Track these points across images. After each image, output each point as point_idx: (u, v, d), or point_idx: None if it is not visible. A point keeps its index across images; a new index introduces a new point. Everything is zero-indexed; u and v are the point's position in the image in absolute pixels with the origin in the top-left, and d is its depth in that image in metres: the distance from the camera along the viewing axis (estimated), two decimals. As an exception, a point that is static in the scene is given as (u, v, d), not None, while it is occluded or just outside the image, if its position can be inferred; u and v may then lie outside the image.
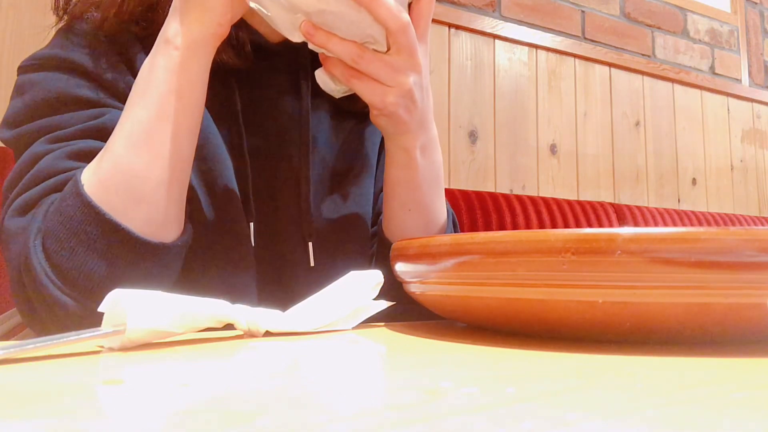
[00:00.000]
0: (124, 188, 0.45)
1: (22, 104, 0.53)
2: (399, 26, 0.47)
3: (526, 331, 0.36)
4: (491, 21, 1.71)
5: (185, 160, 0.49)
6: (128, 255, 0.45)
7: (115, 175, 0.45)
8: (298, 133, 0.61)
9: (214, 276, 0.54)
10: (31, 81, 0.54)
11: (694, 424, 0.17)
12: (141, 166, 0.46)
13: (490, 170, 1.69)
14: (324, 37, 0.47)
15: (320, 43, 0.48)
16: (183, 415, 0.18)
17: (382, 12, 0.46)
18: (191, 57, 0.47)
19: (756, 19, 2.39)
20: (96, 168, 0.46)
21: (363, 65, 0.48)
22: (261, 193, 0.58)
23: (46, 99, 0.53)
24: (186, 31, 0.47)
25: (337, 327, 0.41)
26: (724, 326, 0.31)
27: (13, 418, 0.18)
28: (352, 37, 0.48)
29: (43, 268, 0.44)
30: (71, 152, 0.50)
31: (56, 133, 0.51)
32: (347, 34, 0.47)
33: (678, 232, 0.29)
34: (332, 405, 0.20)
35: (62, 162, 0.49)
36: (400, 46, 0.48)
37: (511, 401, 0.20)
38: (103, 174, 0.45)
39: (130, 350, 0.32)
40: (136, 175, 0.46)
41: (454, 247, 0.35)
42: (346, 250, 0.62)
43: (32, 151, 0.51)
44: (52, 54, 0.55)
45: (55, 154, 0.50)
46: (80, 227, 0.44)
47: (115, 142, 0.46)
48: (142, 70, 0.48)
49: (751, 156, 2.31)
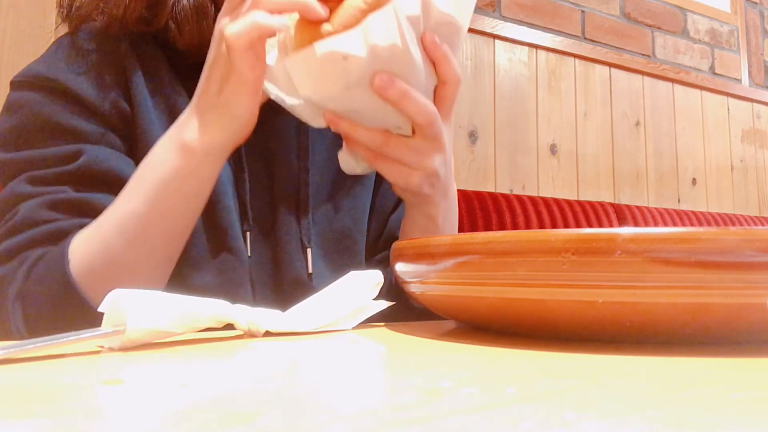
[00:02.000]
0: (111, 277, 0.46)
1: (8, 126, 0.54)
2: (427, 120, 0.46)
3: (526, 331, 0.36)
4: (491, 21, 1.71)
5: (175, 256, 0.49)
6: None
7: (105, 265, 0.46)
8: (296, 141, 0.61)
9: (211, 283, 0.54)
10: (19, 102, 0.54)
11: (694, 424, 0.17)
12: (132, 261, 0.46)
13: (490, 170, 1.69)
14: (348, 126, 0.46)
15: (345, 131, 0.47)
16: (183, 415, 0.18)
17: (410, 107, 0.45)
18: (207, 162, 0.47)
19: (756, 19, 2.39)
20: (85, 249, 0.46)
21: (389, 151, 0.47)
22: (259, 201, 0.58)
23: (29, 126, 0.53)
24: (208, 139, 0.46)
25: (337, 327, 0.41)
26: (724, 326, 0.31)
27: (13, 418, 0.18)
28: (377, 125, 0.47)
29: (19, 331, 0.45)
30: (50, 202, 0.50)
31: (35, 172, 0.52)
32: (372, 123, 0.47)
33: (678, 232, 0.29)
34: (332, 405, 0.20)
35: (43, 212, 0.50)
36: (427, 135, 0.47)
37: (511, 401, 0.20)
38: (92, 259, 0.46)
39: (130, 350, 0.32)
40: (125, 268, 0.46)
41: (454, 247, 0.35)
42: (344, 255, 0.62)
43: (12, 189, 0.52)
44: (42, 74, 0.55)
45: (36, 203, 0.50)
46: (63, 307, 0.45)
47: (110, 229, 0.46)
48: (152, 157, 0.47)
49: (751, 156, 2.31)
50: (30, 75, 0.55)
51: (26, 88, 0.55)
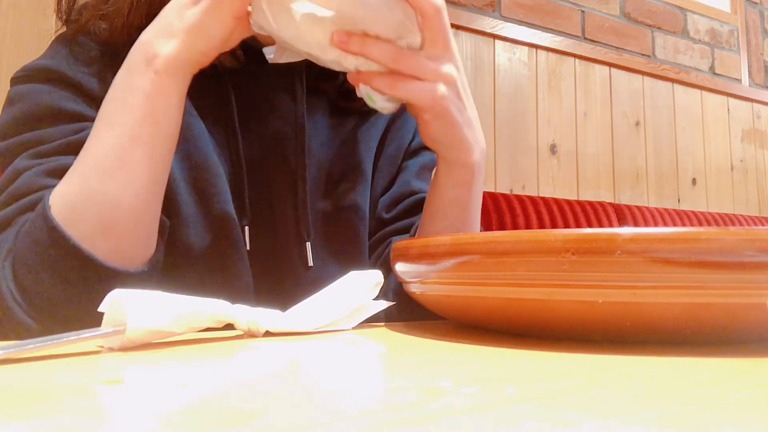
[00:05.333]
0: (93, 214, 0.44)
1: (10, 117, 0.53)
2: (435, 9, 0.46)
3: (526, 331, 0.36)
4: (491, 21, 1.71)
5: (158, 186, 0.47)
6: (90, 280, 0.43)
7: (84, 201, 0.44)
8: (293, 135, 0.61)
9: (212, 281, 0.54)
10: (20, 93, 0.54)
11: (694, 424, 0.17)
12: (111, 193, 0.44)
13: (490, 170, 1.69)
14: (359, 40, 0.46)
15: (356, 48, 0.46)
16: (183, 415, 0.18)
17: None
18: (170, 83, 0.46)
19: (756, 19, 2.39)
20: (64, 189, 0.45)
21: (403, 64, 0.47)
22: (257, 196, 0.58)
23: (32, 112, 0.52)
24: (172, 55, 0.45)
25: (337, 327, 0.41)
26: (724, 326, 0.31)
27: (13, 418, 0.18)
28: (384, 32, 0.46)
29: (9, 290, 0.44)
30: (50, 169, 0.49)
31: (38, 148, 0.51)
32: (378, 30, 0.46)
33: (678, 232, 0.29)
34: (332, 405, 0.20)
35: (40, 179, 0.49)
36: (435, 33, 0.47)
37: (511, 401, 0.20)
38: (71, 198, 0.44)
39: (130, 350, 0.32)
40: (106, 201, 0.44)
41: (454, 248, 0.35)
42: (344, 249, 0.62)
43: (14, 166, 0.50)
44: (43, 66, 0.54)
45: (34, 171, 0.49)
46: (45, 251, 0.43)
47: (85, 164, 0.45)
48: (116, 86, 0.46)
49: (751, 156, 2.31)
50: (31, 69, 0.55)
51: (26, 81, 0.54)
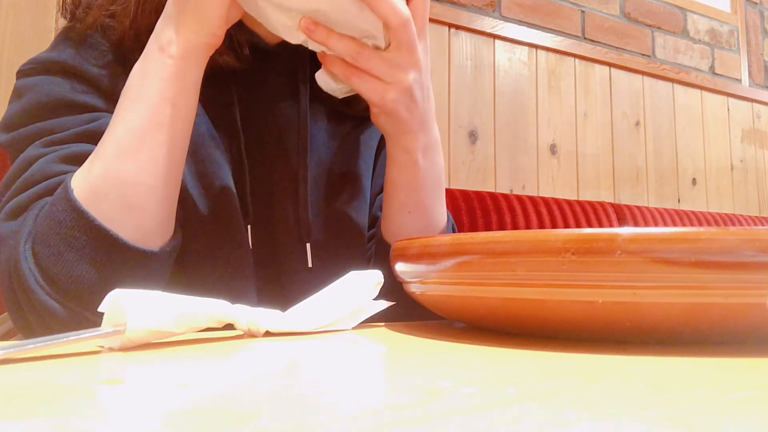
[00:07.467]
0: (115, 195, 0.45)
1: (19, 108, 0.53)
2: (400, 22, 0.46)
3: (526, 331, 0.36)
4: (491, 21, 1.71)
5: (177, 167, 0.48)
6: (116, 261, 0.44)
7: (106, 182, 0.45)
8: (296, 136, 0.61)
9: (213, 279, 0.54)
10: (28, 85, 0.54)
11: (694, 424, 0.17)
12: (132, 173, 0.45)
13: (490, 170, 1.69)
14: (324, 32, 0.47)
15: (320, 39, 0.47)
16: (183, 415, 0.18)
17: (383, 7, 0.45)
18: (186, 66, 0.47)
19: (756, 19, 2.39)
20: (86, 173, 0.46)
21: (362, 62, 0.48)
22: (259, 196, 0.58)
23: (43, 103, 0.52)
24: (182, 40, 0.47)
25: (337, 327, 0.41)
26: (724, 326, 0.31)
27: (13, 418, 0.18)
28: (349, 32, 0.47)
29: (32, 273, 0.44)
30: (64, 156, 0.50)
31: (51, 137, 0.51)
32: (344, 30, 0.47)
33: (678, 232, 0.29)
34: (332, 405, 0.20)
35: (55, 166, 0.49)
36: (400, 42, 0.47)
37: (511, 401, 0.20)
38: (94, 180, 0.45)
39: (130, 350, 0.32)
40: (127, 182, 0.45)
41: (454, 247, 0.35)
42: (344, 251, 0.62)
43: (26, 155, 0.51)
44: (51, 58, 0.54)
45: (48, 158, 0.49)
46: (69, 232, 0.44)
47: (106, 148, 0.46)
48: (134, 75, 0.48)
49: (751, 156, 2.31)
50: (39, 61, 0.55)
51: (35, 73, 0.54)
